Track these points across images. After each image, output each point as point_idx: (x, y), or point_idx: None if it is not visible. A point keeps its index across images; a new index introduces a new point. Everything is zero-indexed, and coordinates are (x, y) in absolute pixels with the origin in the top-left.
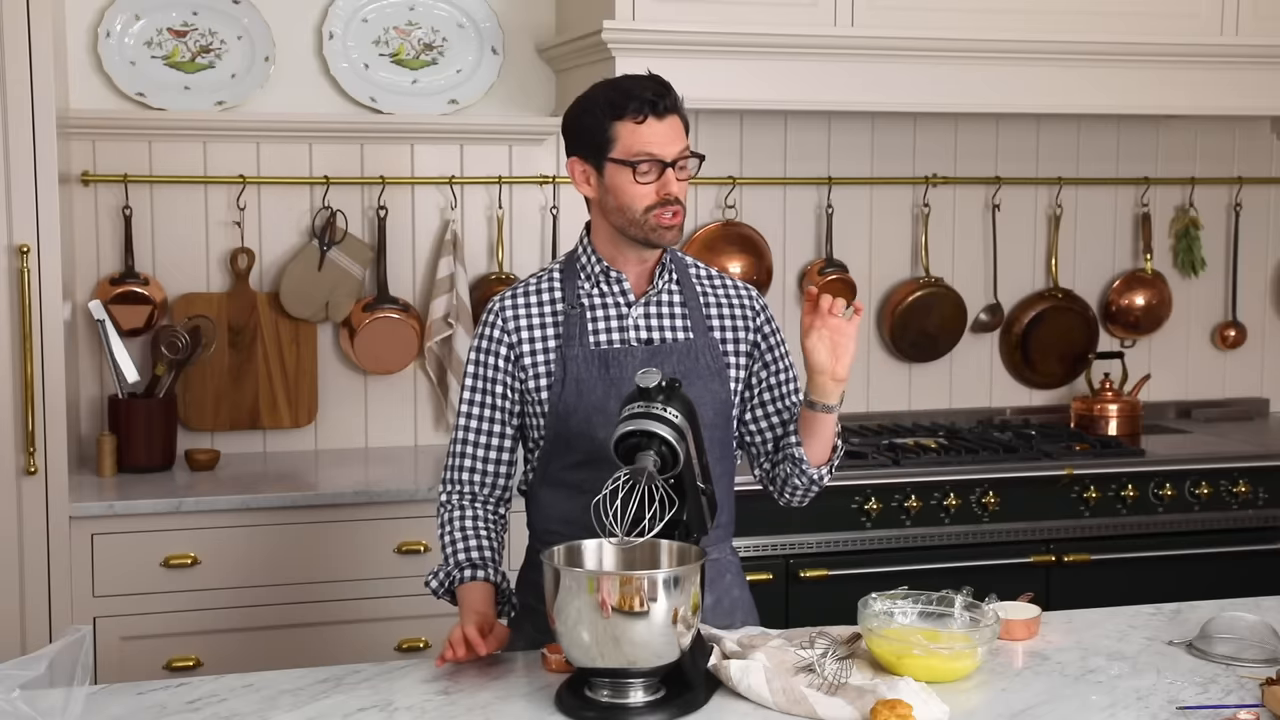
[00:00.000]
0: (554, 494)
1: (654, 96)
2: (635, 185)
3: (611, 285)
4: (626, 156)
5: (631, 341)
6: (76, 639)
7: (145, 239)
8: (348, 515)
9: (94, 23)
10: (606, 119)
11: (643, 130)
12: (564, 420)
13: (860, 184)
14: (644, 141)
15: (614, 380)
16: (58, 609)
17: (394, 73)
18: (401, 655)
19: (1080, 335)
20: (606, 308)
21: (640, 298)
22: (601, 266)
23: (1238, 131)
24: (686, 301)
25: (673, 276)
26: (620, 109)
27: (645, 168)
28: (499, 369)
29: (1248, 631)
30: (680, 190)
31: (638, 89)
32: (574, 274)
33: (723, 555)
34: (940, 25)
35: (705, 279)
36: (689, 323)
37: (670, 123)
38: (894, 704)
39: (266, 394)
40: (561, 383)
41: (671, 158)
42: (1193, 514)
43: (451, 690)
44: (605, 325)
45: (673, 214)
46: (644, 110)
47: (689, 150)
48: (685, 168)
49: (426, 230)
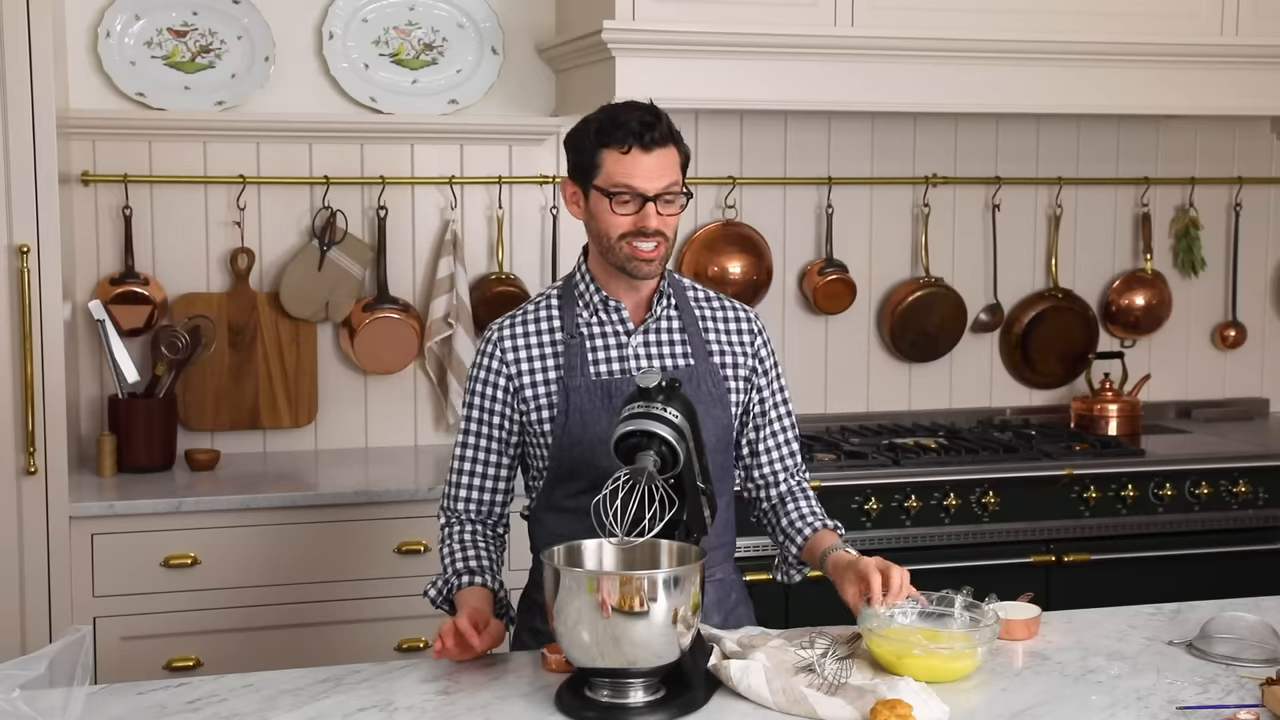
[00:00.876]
0: (559, 518)
1: (640, 127)
2: (612, 215)
3: (610, 314)
4: (607, 185)
5: (632, 371)
6: (76, 639)
7: (145, 239)
8: (348, 515)
9: (94, 23)
10: (595, 145)
11: (626, 161)
12: (568, 451)
13: (860, 184)
14: (625, 173)
15: (617, 410)
16: (58, 609)
17: (394, 73)
18: (401, 655)
19: (1080, 335)
20: (605, 337)
21: (639, 326)
22: (600, 296)
23: (1238, 131)
24: (686, 327)
25: (671, 303)
26: (607, 137)
27: (625, 199)
28: (497, 399)
29: (1248, 631)
30: (662, 224)
31: (628, 118)
32: (572, 301)
33: (727, 575)
34: (940, 25)
35: (704, 302)
36: (689, 349)
37: (658, 156)
38: (894, 704)
39: (266, 394)
40: (565, 414)
41: (653, 191)
42: (1193, 514)
43: (451, 690)
44: (605, 355)
45: (653, 246)
46: (628, 141)
47: (679, 185)
48: (671, 203)
49: (426, 230)
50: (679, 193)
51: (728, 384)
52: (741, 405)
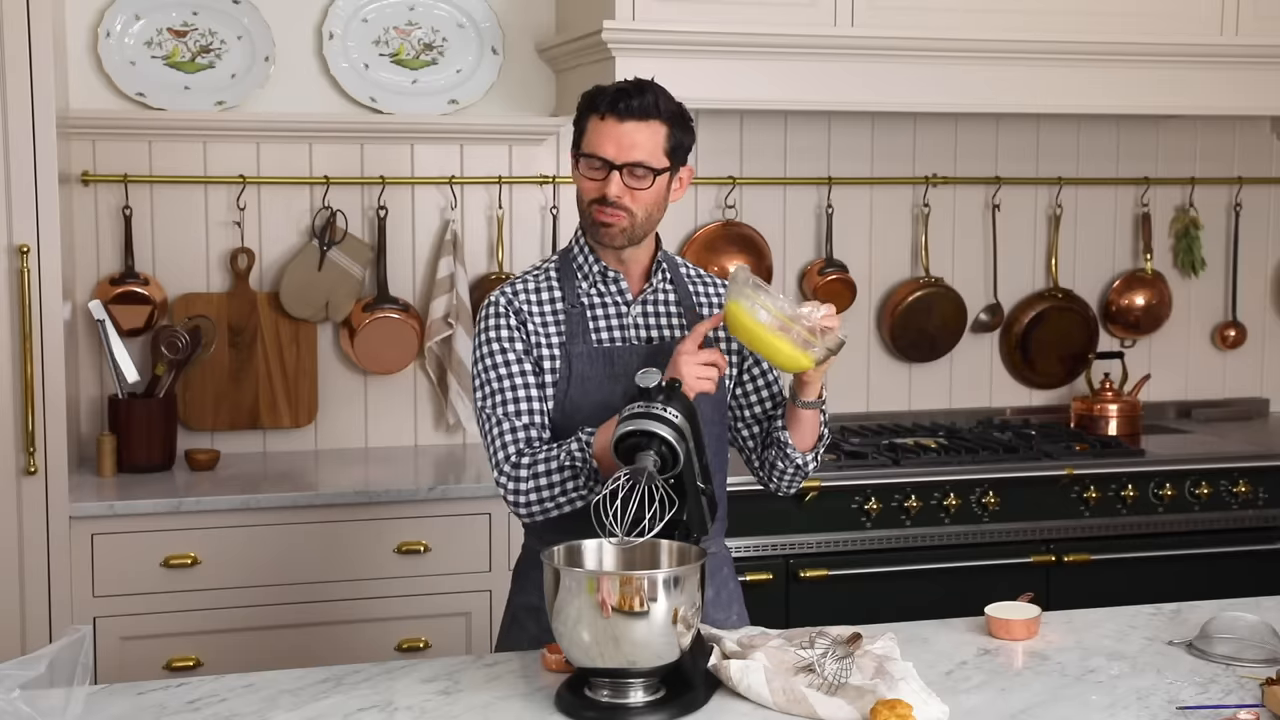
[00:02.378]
0: None
1: (616, 94)
2: (584, 179)
3: (609, 285)
4: (583, 150)
5: (633, 340)
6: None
7: (145, 239)
8: (348, 515)
9: (94, 23)
10: (584, 111)
11: (601, 128)
12: (570, 417)
13: (860, 184)
14: (598, 138)
15: (618, 377)
16: (58, 609)
17: (394, 73)
18: (401, 655)
19: (1080, 335)
20: (606, 306)
21: (637, 297)
22: (600, 266)
23: (1238, 131)
24: (681, 300)
25: (666, 276)
26: (591, 103)
27: (595, 164)
28: (517, 340)
29: (1248, 631)
30: (624, 194)
31: (613, 87)
32: (571, 273)
33: (719, 549)
34: (940, 25)
35: (696, 278)
36: (685, 321)
37: (633, 128)
38: (894, 704)
39: (266, 394)
40: (568, 380)
41: (619, 160)
42: (1193, 514)
43: (451, 690)
44: (606, 324)
45: (612, 215)
46: (603, 108)
47: (653, 162)
48: (640, 177)
49: (426, 230)
50: (650, 169)
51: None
52: (734, 379)
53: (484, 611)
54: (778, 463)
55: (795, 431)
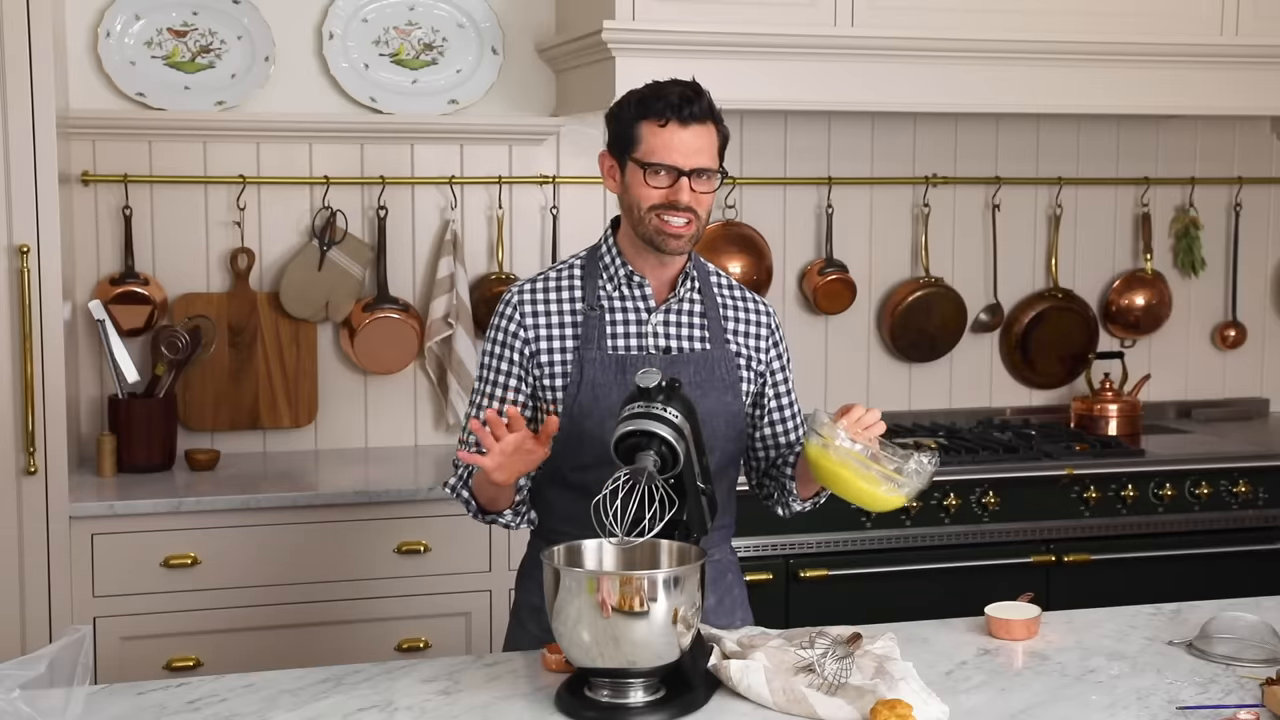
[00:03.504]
0: (562, 494)
1: (679, 101)
2: (645, 187)
3: (633, 289)
4: (644, 158)
5: (649, 349)
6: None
7: (145, 239)
8: (348, 515)
9: (94, 23)
10: (634, 117)
11: (663, 134)
12: (578, 422)
13: (860, 184)
14: (663, 145)
15: (630, 385)
16: (58, 609)
17: (394, 73)
18: (401, 655)
19: (1080, 335)
20: (626, 312)
21: (661, 305)
22: (626, 270)
23: (1238, 131)
24: (706, 312)
25: (694, 285)
26: (646, 109)
27: (658, 172)
28: (514, 362)
29: (1248, 631)
30: (694, 200)
31: (669, 91)
32: (596, 272)
33: (724, 555)
34: (940, 25)
35: (726, 289)
36: (707, 334)
37: (695, 131)
38: (894, 704)
39: (266, 394)
40: (578, 385)
41: (688, 166)
42: (1193, 514)
43: (451, 690)
44: (624, 330)
45: (684, 221)
46: (667, 114)
47: (714, 164)
48: (706, 181)
49: (426, 230)
50: (714, 171)
51: (740, 372)
52: (750, 397)
53: (484, 611)
54: (774, 493)
55: (803, 482)
